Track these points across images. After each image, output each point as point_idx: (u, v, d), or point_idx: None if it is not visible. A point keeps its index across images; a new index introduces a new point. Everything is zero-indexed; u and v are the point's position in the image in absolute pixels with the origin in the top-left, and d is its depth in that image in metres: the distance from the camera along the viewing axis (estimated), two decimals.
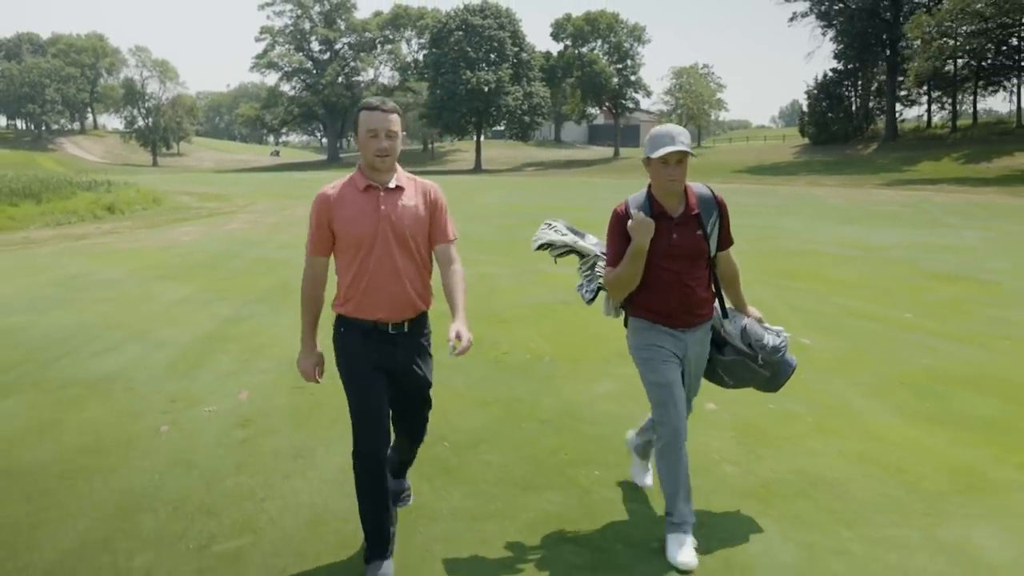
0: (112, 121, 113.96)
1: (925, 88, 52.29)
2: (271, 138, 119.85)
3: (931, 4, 45.39)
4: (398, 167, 2.79)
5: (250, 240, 14.17)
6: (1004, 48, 46.69)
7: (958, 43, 38.59)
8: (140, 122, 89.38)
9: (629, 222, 2.84)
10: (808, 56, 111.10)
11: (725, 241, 3.03)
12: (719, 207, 2.98)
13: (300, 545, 2.98)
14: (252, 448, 3.97)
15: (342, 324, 2.78)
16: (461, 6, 65.25)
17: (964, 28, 37.40)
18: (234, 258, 11.69)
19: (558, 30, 71.84)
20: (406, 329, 2.76)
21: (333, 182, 2.77)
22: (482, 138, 67.69)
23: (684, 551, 2.86)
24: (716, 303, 3.11)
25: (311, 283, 2.79)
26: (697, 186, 2.99)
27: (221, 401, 4.74)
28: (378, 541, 2.76)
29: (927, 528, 3.09)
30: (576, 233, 3.40)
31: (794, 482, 3.53)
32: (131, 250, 12.90)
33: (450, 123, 63.43)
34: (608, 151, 70.94)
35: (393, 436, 2.90)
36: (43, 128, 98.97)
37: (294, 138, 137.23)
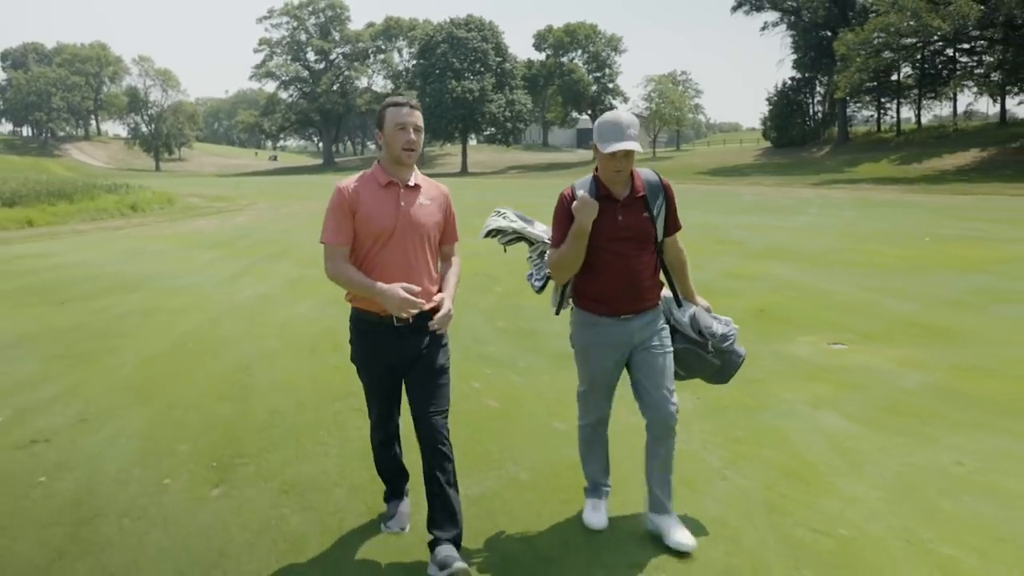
0: (114, 127, 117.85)
1: (873, 95, 57.02)
2: (269, 143, 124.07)
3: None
4: (414, 167, 2.90)
5: (255, 227, 18.48)
6: (940, 59, 51.35)
7: (893, 57, 42.96)
8: (143, 129, 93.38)
9: (574, 203, 2.88)
10: (779, 63, 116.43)
11: (672, 225, 3.07)
12: (665, 191, 3.02)
13: (298, 329, 7.23)
14: (268, 303, 8.30)
15: (354, 316, 2.96)
16: (447, 19, 69.78)
17: (904, 41, 41.72)
18: (245, 238, 15.98)
19: (540, 41, 76.48)
20: (411, 321, 2.82)
21: (349, 177, 2.89)
22: (472, 142, 72.17)
23: (600, 514, 3.19)
24: (668, 291, 3.16)
25: (342, 266, 2.82)
26: (644, 171, 3.03)
27: (252, 290, 9.10)
28: (395, 491, 3.25)
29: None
30: (525, 220, 3.44)
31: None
32: (164, 235, 17.19)
33: (437, 129, 67.82)
34: (590, 154, 75.31)
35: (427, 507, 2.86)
36: (48, 135, 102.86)
37: (291, 143, 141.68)
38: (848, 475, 3.60)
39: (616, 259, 2.93)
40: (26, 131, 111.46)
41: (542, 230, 3.38)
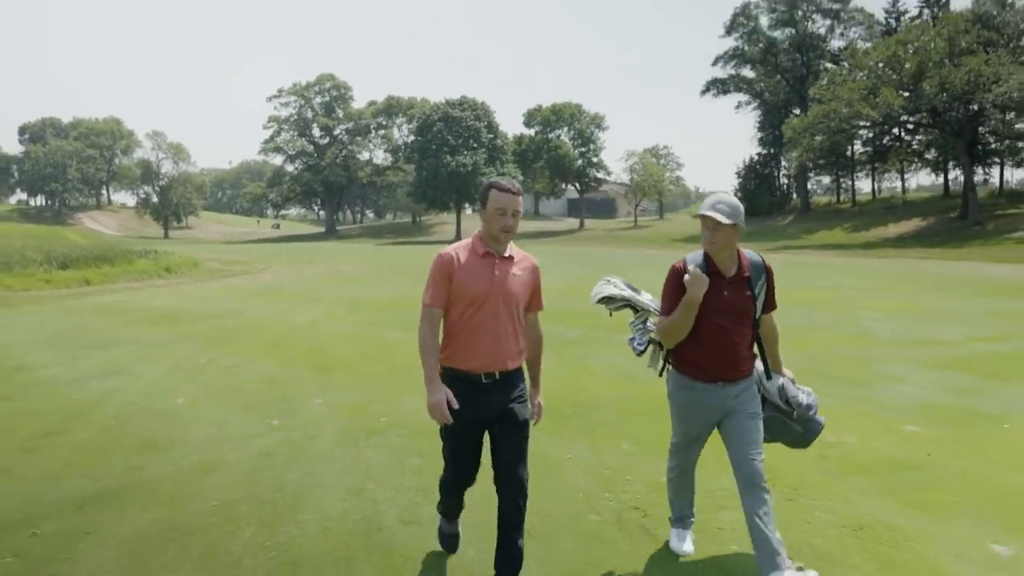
0: (123, 197, 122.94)
1: (831, 169, 62.86)
2: (270, 211, 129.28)
3: None
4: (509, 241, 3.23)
5: (283, 283, 22.72)
6: (888, 138, 57.08)
7: (835, 139, 48.40)
8: (154, 198, 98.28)
9: (685, 276, 3.17)
10: (752, 139, 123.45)
11: (770, 304, 3.41)
12: (767, 273, 3.37)
13: (341, 335, 11.42)
14: (317, 323, 12.52)
15: (445, 373, 3.20)
16: (443, 100, 76.02)
17: (843, 125, 47.21)
18: (278, 290, 20.15)
19: (529, 118, 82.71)
20: (497, 377, 3.18)
21: (452, 245, 3.26)
22: (467, 211, 77.60)
23: (686, 543, 3.63)
24: (759, 363, 3.47)
25: (429, 332, 3.16)
26: (750, 253, 3.36)
27: (303, 318, 13.35)
28: (450, 512, 3.65)
29: None
30: (633, 289, 3.75)
31: None
32: (210, 289, 21.33)
33: (434, 200, 73.25)
34: (577, 222, 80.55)
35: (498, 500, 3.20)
36: (62, 204, 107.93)
37: (292, 211, 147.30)
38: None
39: (718, 330, 3.25)
40: (38, 200, 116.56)
41: (648, 299, 3.73)
